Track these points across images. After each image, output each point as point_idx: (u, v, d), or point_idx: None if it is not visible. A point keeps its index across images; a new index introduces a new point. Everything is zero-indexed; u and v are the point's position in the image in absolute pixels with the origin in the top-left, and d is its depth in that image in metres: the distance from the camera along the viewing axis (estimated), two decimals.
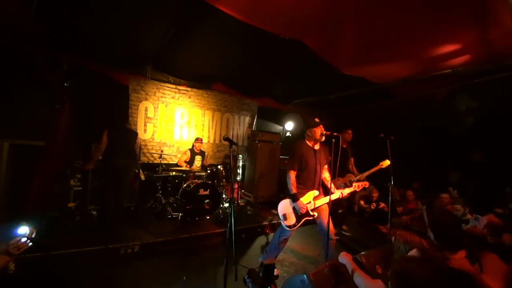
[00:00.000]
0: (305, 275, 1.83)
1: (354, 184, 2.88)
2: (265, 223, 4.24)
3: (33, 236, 1.43)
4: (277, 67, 4.18)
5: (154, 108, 4.95)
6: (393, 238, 1.71)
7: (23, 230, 1.40)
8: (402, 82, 4.04)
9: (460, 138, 5.34)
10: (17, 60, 3.22)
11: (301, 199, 2.63)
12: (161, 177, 4.39)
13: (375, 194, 4.85)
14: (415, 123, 6.09)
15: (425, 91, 4.45)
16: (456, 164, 5.59)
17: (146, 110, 4.87)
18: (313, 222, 2.76)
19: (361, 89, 4.60)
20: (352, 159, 4.20)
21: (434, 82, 4.01)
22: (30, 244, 1.40)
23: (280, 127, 6.88)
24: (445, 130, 5.57)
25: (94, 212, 3.82)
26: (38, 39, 3.24)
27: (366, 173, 3.55)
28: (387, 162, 3.13)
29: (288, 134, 6.69)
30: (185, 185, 4.08)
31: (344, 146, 4.10)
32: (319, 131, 2.70)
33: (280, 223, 2.77)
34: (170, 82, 5.04)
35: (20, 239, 1.35)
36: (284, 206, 2.71)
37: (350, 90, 4.78)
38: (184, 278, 2.69)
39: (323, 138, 2.74)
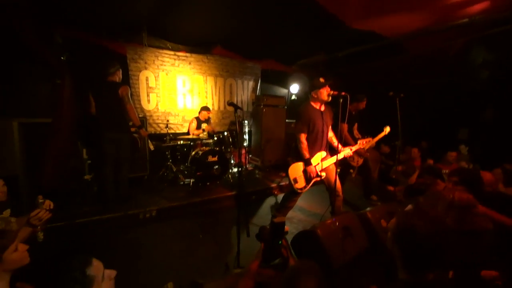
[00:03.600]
0: (313, 230, 1.94)
1: (359, 142, 2.89)
2: (273, 185, 4.39)
3: (51, 207, 1.52)
4: (280, 24, 3.90)
5: (155, 77, 4.83)
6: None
7: (41, 202, 1.49)
8: (415, 35, 3.75)
9: (473, 94, 5.11)
10: (10, 37, 3.10)
11: (311, 161, 2.67)
12: (169, 146, 4.47)
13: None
14: (427, 79, 5.82)
15: (439, 44, 4.15)
16: (467, 121, 5.45)
17: (147, 79, 4.77)
18: (321, 182, 2.84)
19: (370, 45, 4.32)
20: (356, 124, 4.05)
21: (449, 34, 3.72)
22: (50, 215, 1.49)
23: (285, 90, 6.70)
24: (458, 86, 5.32)
25: None
26: (28, 13, 3.08)
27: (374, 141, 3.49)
28: (388, 129, 3.06)
29: (293, 97, 6.54)
30: (193, 153, 4.17)
31: (353, 113, 3.86)
32: (325, 92, 2.62)
33: (288, 185, 2.86)
34: (168, 49, 4.83)
35: (40, 211, 1.44)
36: (295, 170, 2.75)
37: (359, 47, 4.50)
38: (200, 236, 2.91)
39: (330, 99, 2.67)
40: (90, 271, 0.91)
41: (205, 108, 4.71)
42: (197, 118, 4.68)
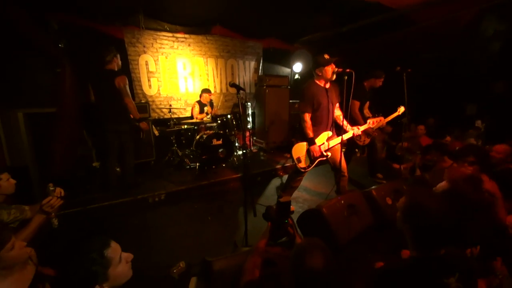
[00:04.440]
0: (318, 208, 1.96)
1: (368, 121, 2.82)
2: (278, 166, 4.42)
3: (62, 194, 1.54)
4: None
5: (155, 61, 4.74)
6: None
7: (52, 190, 1.51)
8: (423, 5, 3.54)
9: (484, 67, 4.89)
10: (7, 27, 3.02)
11: (315, 141, 2.65)
12: (173, 131, 4.49)
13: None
14: (435, 53, 5.56)
15: (448, 14, 3.91)
16: (477, 96, 5.26)
17: (146, 64, 4.68)
18: (326, 162, 2.84)
19: (376, 18, 4.11)
20: (368, 102, 3.91)
21: (459, 4, 3.49)
22: (61, 201, 1.52)
23: (288, 70, 6.54)
24: (467, 59, 5.08)
25: (118, 169, 4.08)
26: (23, 0, 2.98)
27: (385, 121, 3.36)
28: (402, 109, 2.99)
29: (296, 76, 6.39)
30: (198, 137, 4.18)
31: (367, 90, 3.74)
32: (330, 69, 2.52)
33: (293, 166, 2.87)
34: (166, 30, 4.69)
35: (51, 198, 1.47)
36: (298, 150, 2.74)
37: (364, 20, 4.29)
38: (209, 218, 3.00)
39: (334, 77, 2.59)
40: (108, 252, 0.93)
41: (206, 91, 4.64)
42: (199, 102, 4.64)
